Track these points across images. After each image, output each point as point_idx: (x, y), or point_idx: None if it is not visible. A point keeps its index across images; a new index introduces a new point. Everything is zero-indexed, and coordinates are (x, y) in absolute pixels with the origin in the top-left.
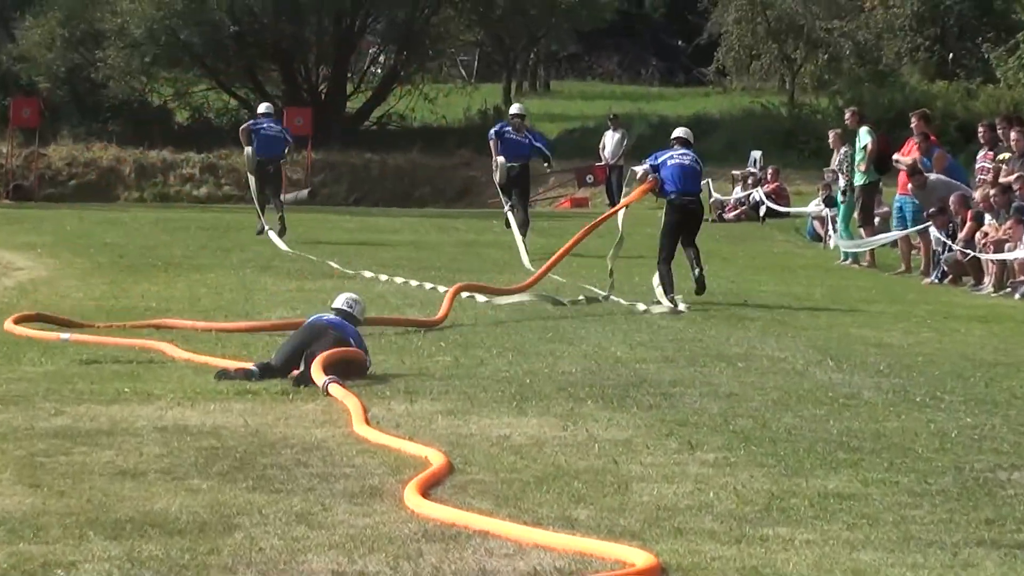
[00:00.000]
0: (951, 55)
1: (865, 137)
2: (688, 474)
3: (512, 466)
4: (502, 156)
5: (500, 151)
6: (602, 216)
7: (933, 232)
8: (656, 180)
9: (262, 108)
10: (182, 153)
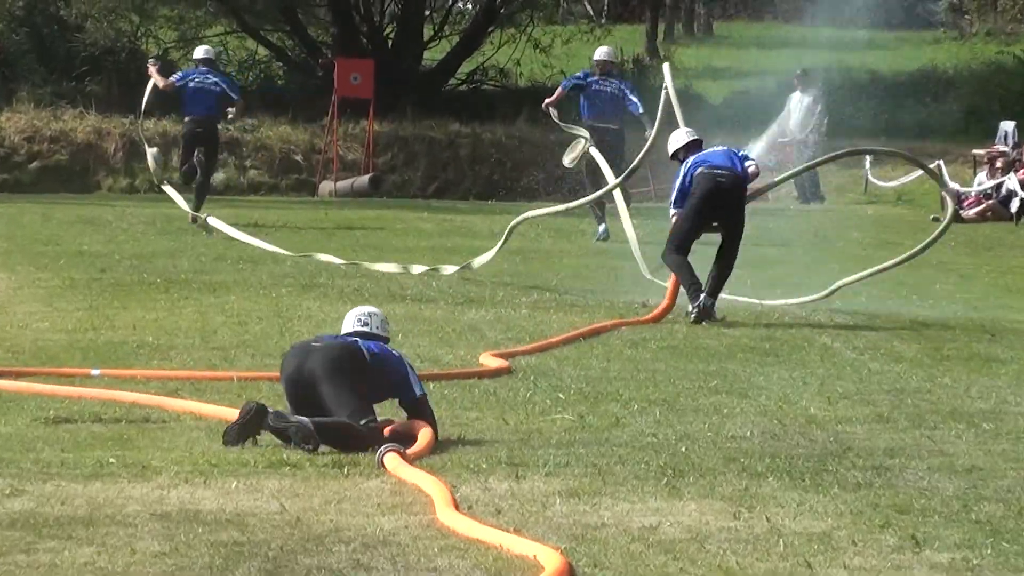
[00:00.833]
0: None
1: None
2: None
3: (662, 570)
4: (584, 131)
5: (586, 113)
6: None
7: None
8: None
9: (198, 52)
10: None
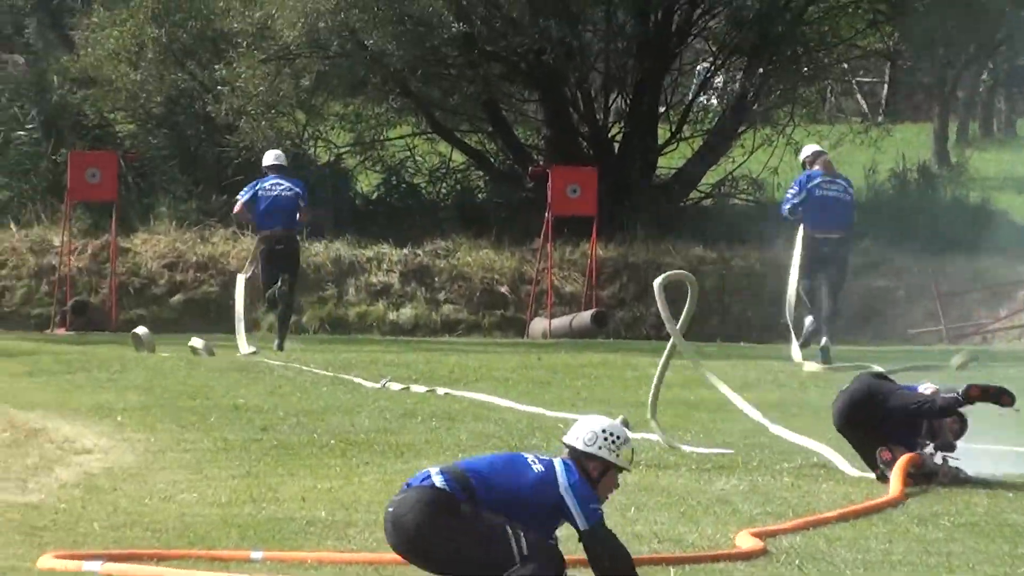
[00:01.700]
0: None
1: None
2: None
3: None
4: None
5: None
6: None
7: None
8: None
9: (267, 158)
10: (368, 246)
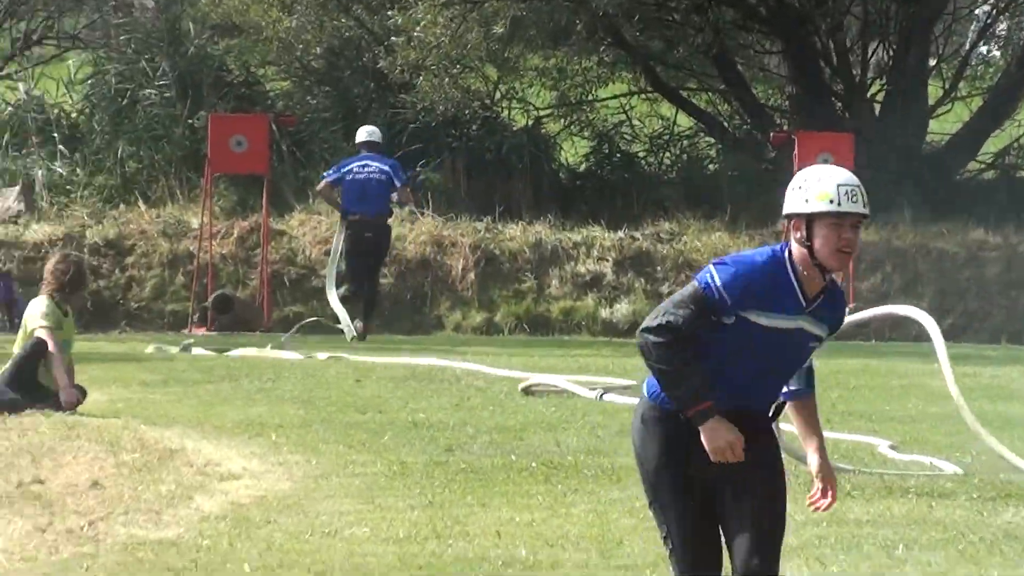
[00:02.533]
0: None
1: None
2: None
3: None
4: None
5: None
6: None
7: None
8: None
9: (361, 134)
10: (575, 228)
